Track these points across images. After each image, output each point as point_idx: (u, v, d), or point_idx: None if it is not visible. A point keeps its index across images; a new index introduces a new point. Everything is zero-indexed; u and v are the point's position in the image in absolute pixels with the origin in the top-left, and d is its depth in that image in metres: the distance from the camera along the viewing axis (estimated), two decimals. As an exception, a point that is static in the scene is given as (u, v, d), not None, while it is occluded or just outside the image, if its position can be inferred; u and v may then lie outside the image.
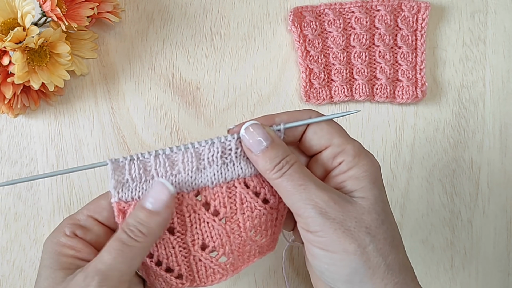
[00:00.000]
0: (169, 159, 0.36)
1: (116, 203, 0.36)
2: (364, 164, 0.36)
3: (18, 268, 0.53)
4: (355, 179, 0.36)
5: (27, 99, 0.52)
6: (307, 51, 0.55)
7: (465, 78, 0.57)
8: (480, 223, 0.56)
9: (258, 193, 0.38)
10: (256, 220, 0.38)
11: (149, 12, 0.56)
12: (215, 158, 0.37)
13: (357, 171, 0.36)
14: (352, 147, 0.37)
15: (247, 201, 0.38)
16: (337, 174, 0.37)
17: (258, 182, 0.38)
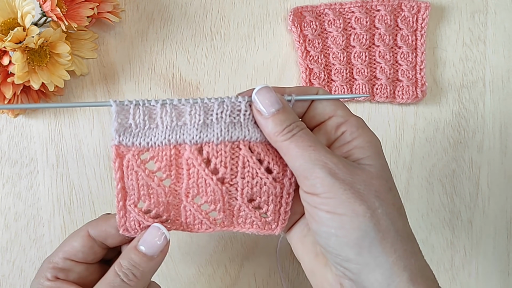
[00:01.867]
0: (176, 110, 0.36)
1: (115, 146, 0.36)
2: (368, 135, 0.37)
3: (18, 268, 0.53)
4: (360, 148, 0.36)
5: (27, 99, 0.52)
6: (307, 51, 0.55)
7: (465, 78, 0.57)
8: (480, 223, 0.56)
9: (261, 161, 0.38)
10: (256, 189, 0.38)
11: (149, 12, 0.56)
12: (224, 115, 0.36)
13: (362, 141, 0.36)
14: (355, 119, 0.37)
15: (249, 165, 0.37)
16: (341, 144, 0.37)
17: (263, 149, 0.38)
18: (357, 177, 0.34)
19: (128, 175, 0.36)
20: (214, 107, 0.36)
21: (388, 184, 0.35)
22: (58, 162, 0.53)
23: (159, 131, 0.36)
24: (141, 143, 0.36)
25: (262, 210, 0.39)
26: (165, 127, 0.36)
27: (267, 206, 0.39)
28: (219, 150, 0.37)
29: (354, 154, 0.36)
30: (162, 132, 0.36)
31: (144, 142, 0.36)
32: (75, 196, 0.53)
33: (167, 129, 0.36)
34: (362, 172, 0.34)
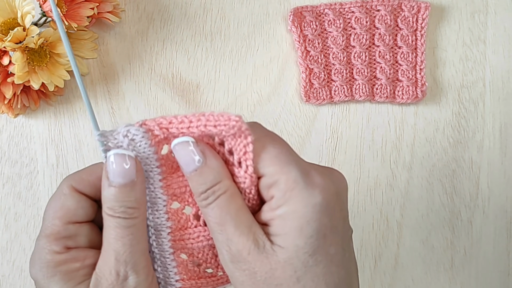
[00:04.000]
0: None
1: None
2: (296, 202, 0.30)
3: (18, 268, 0.53)
4: (282, 220, 0.30)
5: (27, 99, 0.52)
6: (307, 51, 0.55)
7: (465, 78, 0.57)
8: (480, 223, 0.56)
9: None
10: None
11: (149, 12, 0.56)
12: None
13: (285, 211, 0.30)
14: (285, 178, 0.30)
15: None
16: (267, 209, 0.31)
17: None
18: (260, 267, 0.30)
19: None
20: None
21: (297, 273, 0.30)
22: (58, 162, 0.53)
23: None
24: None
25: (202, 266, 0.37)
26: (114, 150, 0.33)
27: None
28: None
29: (273, 226, 0.31)
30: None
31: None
32: (75, 196, 0.53)
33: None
34: (267, 260, 0.30)
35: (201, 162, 0.31)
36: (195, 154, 0.31)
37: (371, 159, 0.56)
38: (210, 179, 0.31)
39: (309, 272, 0.30)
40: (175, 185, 0.34)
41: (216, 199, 0.31)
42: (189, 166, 0.31)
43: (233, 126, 0.32)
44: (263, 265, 0.30)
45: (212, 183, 0.31)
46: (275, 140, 0.32)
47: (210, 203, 0.31)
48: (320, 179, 0.31)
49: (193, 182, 0.31)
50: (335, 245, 0.31)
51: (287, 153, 0.31)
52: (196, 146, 0.31)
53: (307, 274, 0.30)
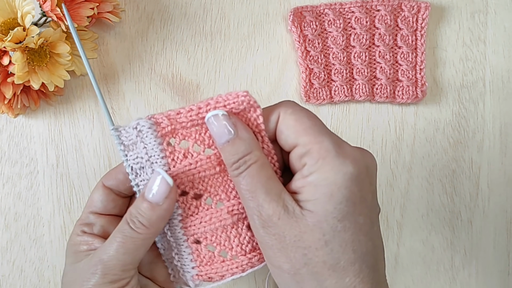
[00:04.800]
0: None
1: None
2: (327, 170, 0.31)
3: (18, 268, 0.53)
4: (313, 187, 0.32)
5: (27, 99, 0.52)
6: (307, 51, 0.55)
7: (465, 78, 0.57)
8: (480, 223, 0.56)
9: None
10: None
11: (149, 12, 0.56)
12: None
13: (317, 178, 0.32)
14: (318, 147, 0.32)
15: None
16: (298, 177, 0.33)
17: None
18: (290, 230, 0.32)
19: None
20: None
21: (325, 237, 0.31)
22: (58, 162, 0.53)
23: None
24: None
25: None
26: (159, 168, 0.36)
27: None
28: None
29: (303, 193, 0.32)
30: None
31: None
32: (75, 196, 0.53)
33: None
34: (297, 224, 0.32)
35: (233, 134, 0.33)
36: (228, 126, 0.33)
37: (371, 159, 0.56)
38: (242, 150, 0.33)
39: (337, 237, 0.31)
40: (182, 174, 0.35)
41: (248, 168, 0.33)
42: (222, 137, 0.33)
43: (242, 102, 0.34)
44: (292, 228, 0.32)
45: (243, 153, 0.33)
46: (309, 114, 0.34)
47: (242, 172, 0.33)
48: (352, 150, 0.33)
49: (225, 152, 0.33)
50: (364, 216, 0.32)
51: (321, 125, 0.33)
52: (229, 119, 0.34)
53: (335, 238, 0.31)
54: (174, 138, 0.36)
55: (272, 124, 0.35)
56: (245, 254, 0.36)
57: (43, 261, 0.53)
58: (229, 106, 0.34)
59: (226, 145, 0.33)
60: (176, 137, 0.35)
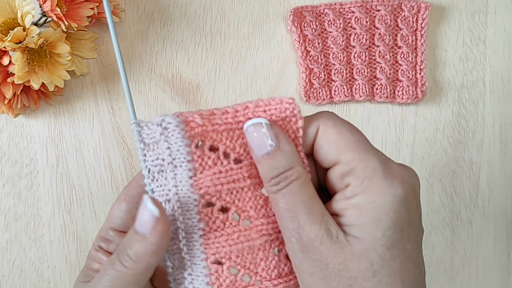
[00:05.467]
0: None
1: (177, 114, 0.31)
2: (375, 192, 0.29)
3: (18, 268, 0.53)
4: (358, 210, 0.29)
5: (27, 99, 0.52)
6: (307, 51, 0.55)
7: (465, 78, 0.57)
8: (480, 223, 0.56)
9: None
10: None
11: (149, 12, 0.56)
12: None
13: (362, 201, 0.29)
14: (364, 166, 0.29)
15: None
16: (340, 198, 0.30)
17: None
18: (333, 258, 0.29)
19: None
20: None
21: (373, 267, 0.28)
22: (58, 162, 0.53)
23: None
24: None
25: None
26: (148, 195, 0.32)
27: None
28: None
29: (348, 216, 0.29)
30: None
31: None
32: (75, 196, 0.53)
33: None
34: (341, 251, 0.29)
35: (274, 146, 0.30)
36: (269, 137, 0.30)
37: (371, 159, 0.56)
38: (283, 164, 0.30)
39: (386, 267, 0.29)
40: (209, 183, 0.31)
41: (288, 184, 0.30)
42: (261, 149, 0.30)
43: (285, 109, 0.31)
44: (336, 256, 0.29)
45: (284, 168, 0.30)
46: (352, 128, 0.31)
47: (281, 188, 0.30)
48: (399, 170, 0.30)
49: (264, 166, 0.30)
50: (412, 242, 0.30)
51: (365, 141, 0.30)
52: (270, 128, 0.30)
53: (384, 268, 0.29)
54: (202, 142, 0.31)
55: (309, 137, 0.32)
56: (270, 279, 0.32)
57: (43, 261, 0.53)
58: (270, 112, 0.31)
59: (266, 157, 0.30)
60: (206, 141, 0.31)
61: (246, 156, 0.32)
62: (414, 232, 0.30)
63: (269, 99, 0.31)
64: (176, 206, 0.31)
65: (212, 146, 0.32)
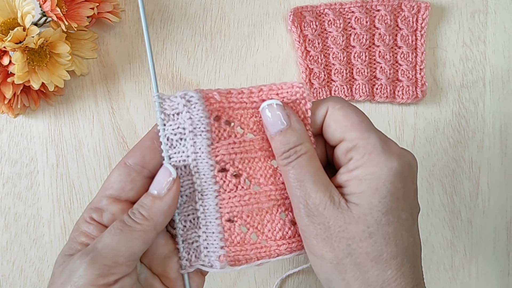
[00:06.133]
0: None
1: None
2: (374, 165, 0.33)
3: (18, 268, 0.53)
4: (358, 180, 0.33)
5: (27, 99, 0.52)
6: (307, 51, 0.55)
7: (465, 78, 0.57)
8: (480, 223, 0.56)
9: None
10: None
11: (149, 12, 0.56)
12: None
13: (362, 172, 0.33)
14: (365, 143, 0.33)
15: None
16: (344, 171, 0.34)
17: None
18: (335, 221, 0.33)
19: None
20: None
21: (370, 229, 0.32)
22: (58, 162, 0.53)
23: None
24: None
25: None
26: (166, 162, 0.36)
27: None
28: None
29: (349, 186, 0.34)
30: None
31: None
32: (75, 196, 0.53)
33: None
34: (342, 215, 0.33)
35: (286, 125, 0.34)
36: (282, 117, 0.34)
37: (371, 159, 0.56)
38: (293, 140, 0.34)
39: (381, 230, 0.32)
40: (224, 151, 0.35)
41: (298, 158, 0.34)
42: (275, 127, 0.35)
43: (296, 93, 0.35)
44: (337, 219, 0.33)
45: (295, 143, 0.34)
46: (357, 110, 0.35)
47: (291, 161, 0.34)
48: (397, 148, 0.34)
49: (277, 142, 0.34)
50: (406, 212, 0.33)
51: (368, 122, 0.34)
52: (283, 109, 0.35)
53: (379, 231, 0.32)
54: (219, 116, 0.36)
55: (319, 118, 0.36)
56: (274, 240, 0.36)
57: (43, 261, 0.53)
58: (282, 95, 0.35)
59: (279, 134, 0.34)
60: (222, 116, 0.36)
61: (258, 132, 0.36)
62: (409, 204, 0.34)
63: (281, 84, 0.35)
64: (194, 171, 0.35)
65: (228, 121, 0.36)
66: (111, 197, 0.36)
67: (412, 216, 0.34)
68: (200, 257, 0.36)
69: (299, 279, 0.55)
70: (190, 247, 0.36)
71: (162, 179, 0.34)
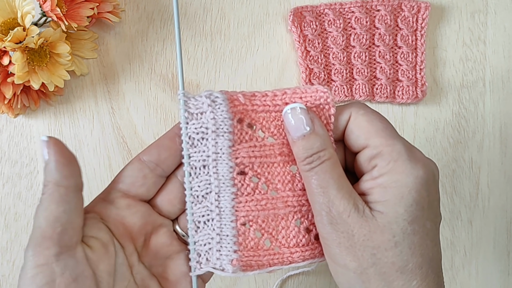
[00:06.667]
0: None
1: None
2: (399, 172, 0.32)
3: (18, 268, 0.53)
4: (383, 188, 0.32)
5: (27, 99, 0.52)
6: (307, 51, 0.55)
7: (465, 78, 0.57)
8: (480, 223, 0.56)
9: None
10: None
11: (149, 12, 0.56)
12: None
13: (387, 180, 0.32)
14: (390, 150, 0.33)
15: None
16: (367, 179, 0.33)
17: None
18: (359, 229, 0.32)
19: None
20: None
21: (395, 238, 0.32)
22: (58, 162, 0.53)
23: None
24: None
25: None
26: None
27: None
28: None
29: (374, 194, 0.33)
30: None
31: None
32: (75, 196, 0.53)
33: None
34: (367, 223, 0.32)
35: (309, 130, 0.33)
36: (305, 121, 0.34)
37: (371, 159, 0.56)
38: (317, 145, 0.33)
39: (406, 239, 0.32)
40: (244, 154, 0.35)
41: (321, 163, 0.33)
42: (298, 131, 0.34)
43: (320, 97, 0.35)
44: (361, 228, 0.32)
45: (318, 149, 0.33)
46: (381, 117, 0.34)
47: (314, 167, 0.33)
48: (422, 156, 0.34)
49: (299, 147, 0.34)
50: (431, 221, 0.33)
51: (392, 129, 0.34)
52: (307, 113, 0.34)
53: (405, 240, 0.32)
54: (242, 118, 0.35)
55: (341, 124, 0.35)
56: (288, 247, 0.36)
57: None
58: (306, 99, 0.35)
59: (301, 139, 0.33)
60: (245, 118, 0.35)
61: (279, 136, 0.36)
62: (433, 213, 0.33)
63: (306, 87, 0.35)
64: (212, 172, 0.35)
65: (250, 124, 0.36)
66: (120, 191, 0.36)
67: (436, 225, 0.34)
68: (211, 260, 0.35)
69: (299, 280, 0.55)
70: (201, 249, 0.35)
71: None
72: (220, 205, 0.35)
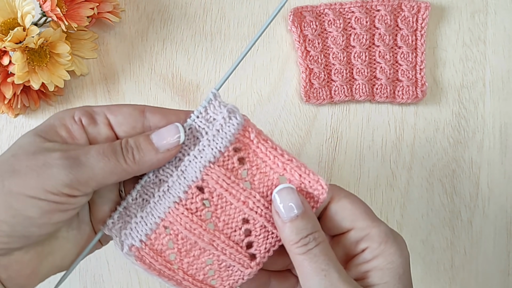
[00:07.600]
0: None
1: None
2: (391, 253, 0.33)
3: (18, 268, 0.53)
4: (379, 270, 0.33)
5: (27, 99, 0.52)
6: (307, 51, 0.55)
7: (465, 78, 0.57)
8: (480, 223, 0.56)
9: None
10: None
11: (149, 12, 0.56)
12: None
13: (382, 262, 0.33)
14: (378, 231, 0.34)
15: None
16: (360, 262, 0.34)
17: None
18: None
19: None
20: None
21: None
22: (58, 162, 0.53)
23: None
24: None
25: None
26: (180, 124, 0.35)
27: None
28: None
29: (371, 277, 0.33)
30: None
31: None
32: (75, 196, 0.53)
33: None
34: None
35: (301, 211, 0.33)
36: (298, 202, 0.33)
37: (371, 159, 0.56)
38: (311, 226, 0.33)
39: None
40: (215, 177, 0.35)
41: (318, 245, 0.33)
42: (291, 211, 0.33)
43: (316, 189, 0.35)
44: None
45: (312, 229, 0.33)
46: (359, 199, 0.35)
47: (311, 248, 0.32)
48: (399, 235, 0.35)
49: (291, 228, 0.33)
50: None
51: (371, 210, 0.35)
52: (298, 195, 0.34)
53: None
54: (238, 150, 0.35)
55: (321, 205, 0.35)
56: (184, 272, 0.36)
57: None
58: (303, 180, 0.35)
59: (294, 219, 0.33)
60: (242, 151, 0.35)
61: (254, 188, 0.36)
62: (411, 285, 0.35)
63: (311, 171, 0.35)
64: (180, 169, 0.35)
65: (242, 159, 0.35)
66: (109, 120, 0.34)
67: None
68: (121, 231, 0.36)
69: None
70: (123, 217, 0.36)
71: (168, 135, 0.33)
72: (162, 198, 0.35)
